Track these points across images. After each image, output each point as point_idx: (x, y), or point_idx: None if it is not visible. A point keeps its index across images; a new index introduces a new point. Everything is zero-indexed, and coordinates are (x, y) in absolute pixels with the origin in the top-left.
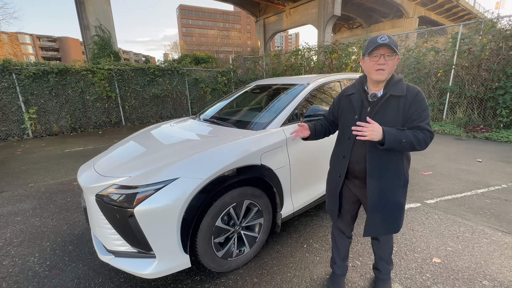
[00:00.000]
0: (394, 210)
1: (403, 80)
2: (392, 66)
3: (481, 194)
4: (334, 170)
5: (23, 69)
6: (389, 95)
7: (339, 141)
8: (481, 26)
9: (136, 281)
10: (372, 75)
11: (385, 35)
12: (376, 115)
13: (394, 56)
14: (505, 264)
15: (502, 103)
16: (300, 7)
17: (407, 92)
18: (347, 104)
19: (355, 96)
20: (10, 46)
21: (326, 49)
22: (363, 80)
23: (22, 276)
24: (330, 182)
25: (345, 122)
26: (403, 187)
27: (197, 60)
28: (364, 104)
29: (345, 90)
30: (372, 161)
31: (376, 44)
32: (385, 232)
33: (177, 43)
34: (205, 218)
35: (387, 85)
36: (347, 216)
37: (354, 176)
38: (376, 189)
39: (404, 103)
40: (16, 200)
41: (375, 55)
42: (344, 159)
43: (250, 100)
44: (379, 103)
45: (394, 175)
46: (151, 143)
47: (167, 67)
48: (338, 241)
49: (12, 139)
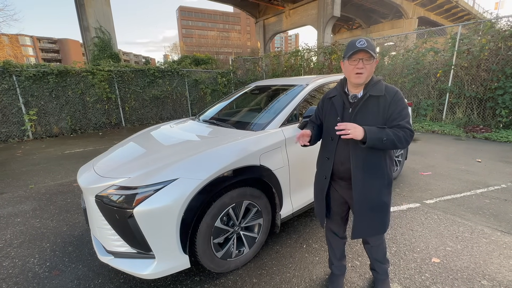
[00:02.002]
0: (380, 210)
1: (382, 81)
2: (371, 69)
3: (481, 194)
4: (320, 173)
5: (23, 71)
6: (368, 95)
7: (323, 143)
8: (480, 26)
9: (136, 282)
10: (351, 79)
11: (363, 38)
12: (357, 115)
13: (372, 60)
14: (504, 264)
15: (502, 103)
16: (300, 8)
17: (386, 92)
18: (330, 107)
19: (337, 98)
20: (11, 48)
21: (325, 50)
22: (344, 83)
23: (22, 277)
24: (317, 185)
25: (328, 124)
26: (387, 186)
27: (197, 61)
28: (346, 105)
29: (328, 93)
30: (355, 161)
31: (355, 49)
32: (372, 234)
33: (177, 44)
34: (204, 219)
35: (367, 86)
36: (337, 218)
37: (340, 177)
38: (361, 189)
39: (384, 102)
40: (16, 202)
41: (354, 59)
42: (329, 160)
43: (249, 101)
44: (360, 104)
45: (378, 175)
46: (151, 144)
47: (167, 69)
48: (332, 242)
49: (12, 140)
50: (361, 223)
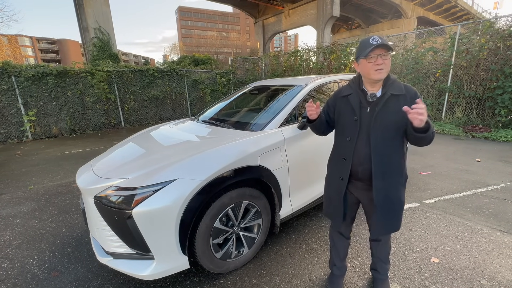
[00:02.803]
0: (398, 209)
1: (397, 80)
2: (389, 64)
3: (480, 193)
4: (335, 174)
5: (23, 72)
6: (389, 94)
7: (338, 143)
8: (479, 26)
9: (135, 283)
10: (372, 75)
11: (376, 36)
12: (378, 115)
13: (389, 54)
14: (504, 264)
15: (501, 103)
16: (299, 8)
17: (406, 91)
18: (344, 105)
19: (353, 96)
20: (10, 48)
21: (325, 50)
22: (358, 81)
23: (21, 279)
24: (331, 186)
25: (344, 124)
26: (403, 184)
27: (196, 62)
28: (363, 104)
29: (340, 91)
30: (377, 162)
31: (372, 45)
32: (390, 231)
33: (176, 44)
34: (203, 219)
35: (385, 84)
36: (348, 219)
37: (357, 178)
38: (382, 189)
39: (404, 101)
40: (15, 203)
41: (371, 56)
42: (346, 161)
43: (248, 101)
44: (381, 103)
45: (396, 174)
46: (150, 144)
47: (166, 69)
48: (337, 243)
49: (11, 141)
50: (382, 222)
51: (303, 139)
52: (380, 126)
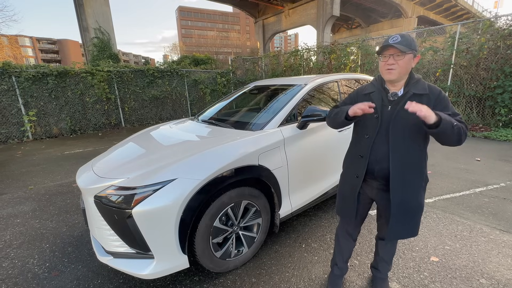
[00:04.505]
0: (416, 212)
1: (422, 79)
2: (404, 65)
3: (480, 193)
4: (351, 171)
5: (23, 72)
6: (412, 93)
7: (356, 141)
8: (479, 25)
9: (135, 282)
10: (383, 75)
11: (398, 34)
12: (398, 114)
13: (404, 55)
14: (503, 263)
15: (501, 102)
16: (299, 7)
17: (430, 91)
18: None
19: (376, 94)
20: (10, 48)
21: (325, 50)
22: (382, 79)
23: (22, 278)
24: (346, 184)
25: (364, 121)
26: (424, 187)
27: (196, 61)
28: (385, 102)
29: (363, 88)
30: (395, 161)
31: (383, 45)
32: (406, 236)
33: (176, 44)
34: (203, 219)
35: (408, 83)
36: (358, 218)
37: (373, 177)
38: (400, 190)
39: (427, 101)
40: (15, 202)
41: (384, 55)
42: (363, 159)
43: (248, 101)
44: (402, 102)
45: (416, 175)
46: (150, 144)
47: (166, 69)
48: (343, 243)
49: (12, 141)
50: (398, 224)
51: (302, 139)
52: (401, 125)
